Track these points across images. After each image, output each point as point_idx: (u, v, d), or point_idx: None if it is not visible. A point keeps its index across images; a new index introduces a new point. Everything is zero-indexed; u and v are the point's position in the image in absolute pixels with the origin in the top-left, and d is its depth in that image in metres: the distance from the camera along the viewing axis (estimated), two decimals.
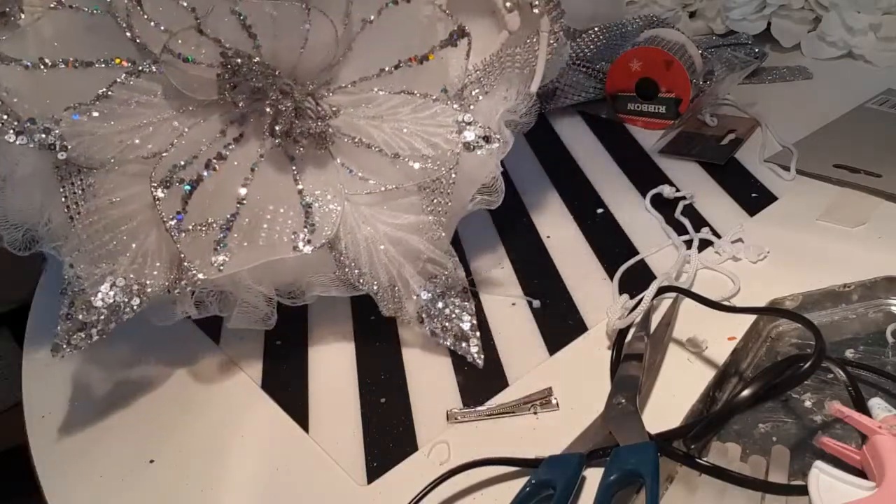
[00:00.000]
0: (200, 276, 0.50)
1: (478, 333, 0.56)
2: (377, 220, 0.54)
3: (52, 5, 0.51)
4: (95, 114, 0.51)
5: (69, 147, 0.50)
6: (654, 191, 0.70)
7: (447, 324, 0.55)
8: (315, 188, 0.54)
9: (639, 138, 0.81)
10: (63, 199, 0.51)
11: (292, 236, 0.52)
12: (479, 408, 0.51)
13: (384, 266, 0.54)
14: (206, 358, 0.59)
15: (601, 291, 0.59)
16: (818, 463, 0.38)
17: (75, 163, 0.51)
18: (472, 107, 0.56)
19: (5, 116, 0.50)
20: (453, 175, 0.54)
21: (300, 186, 0.54)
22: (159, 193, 0.51)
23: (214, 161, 0.52)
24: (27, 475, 0.51)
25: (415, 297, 0.55)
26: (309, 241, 0.52)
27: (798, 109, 0.81)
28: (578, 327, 0.56)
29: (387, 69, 0.55)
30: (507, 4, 0.59)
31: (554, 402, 0.50)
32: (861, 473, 0.39)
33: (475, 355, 0.54)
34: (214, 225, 0.51)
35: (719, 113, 0.82)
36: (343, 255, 0.54)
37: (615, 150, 0.80)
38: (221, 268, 0.51)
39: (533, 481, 0.43)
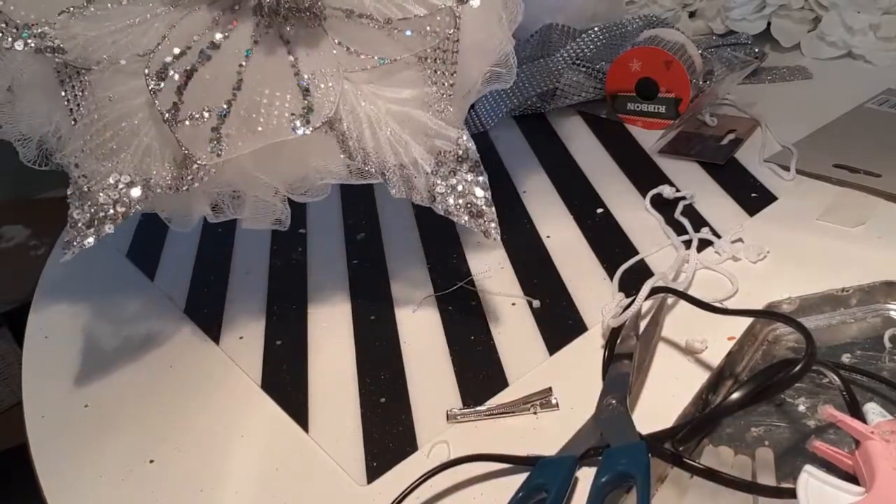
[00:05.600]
0: (200, 163, 0.50)
1: (493, 207, 0.53)
2: (379, 97, 0.53)
3: None
4: (88, 14, 0.51)
5: (66, 50, 0.50)
6: (653, 191, 0.70)
7: (460, 200, 0.53)
8: (311, 69, 0.52)
9: (639, 138, 0.81)
10: (66, 102, 0.51)
11: (290, 118, 0.51)
12: (478, 408, 0.51)
13: (390, 145, 0.52)
14: (206, 358, 0.59)
15: (601, 291, 0.59)
16: (808, 467, 0.38)
17: (73, 65, 0.51)
18: None
19: (4, 24, 0.49)
20: (456, 41, 0.51)
21: (296, 68, 0.52)
22: (154, 86, 0.51)
23: (208, 50, 0.51)
24: (27, 475, 0.51)
25: (424, 176, 0.53)
26: (308, 122, 0.51)
27: (798, 109, 0.81)
28: (578, 327, 0.57)
29: None
30: None
31: (554, 401, 0.50)
32: (854, 479, 0.39)
33: (492, 230, 0.53)
34: (211, 113, 0.51)
35: (719, 113, 0.82)
36: (346, 136, 0.52)
37: (615, 150, 0.80)
38: (220, 153, 0.50)
39: (527, 485, 0.43)
